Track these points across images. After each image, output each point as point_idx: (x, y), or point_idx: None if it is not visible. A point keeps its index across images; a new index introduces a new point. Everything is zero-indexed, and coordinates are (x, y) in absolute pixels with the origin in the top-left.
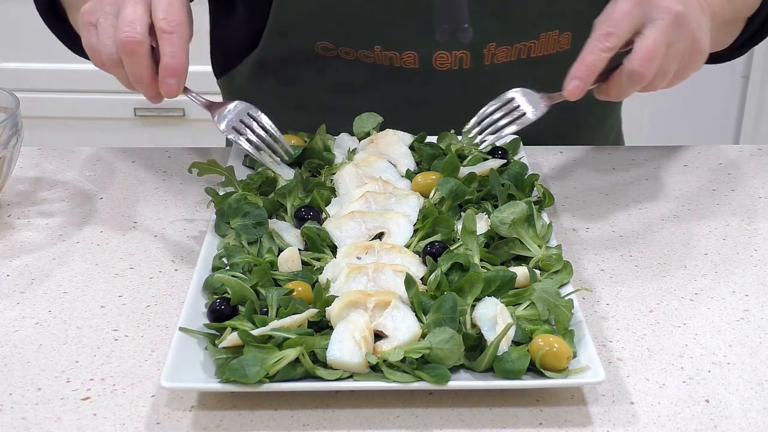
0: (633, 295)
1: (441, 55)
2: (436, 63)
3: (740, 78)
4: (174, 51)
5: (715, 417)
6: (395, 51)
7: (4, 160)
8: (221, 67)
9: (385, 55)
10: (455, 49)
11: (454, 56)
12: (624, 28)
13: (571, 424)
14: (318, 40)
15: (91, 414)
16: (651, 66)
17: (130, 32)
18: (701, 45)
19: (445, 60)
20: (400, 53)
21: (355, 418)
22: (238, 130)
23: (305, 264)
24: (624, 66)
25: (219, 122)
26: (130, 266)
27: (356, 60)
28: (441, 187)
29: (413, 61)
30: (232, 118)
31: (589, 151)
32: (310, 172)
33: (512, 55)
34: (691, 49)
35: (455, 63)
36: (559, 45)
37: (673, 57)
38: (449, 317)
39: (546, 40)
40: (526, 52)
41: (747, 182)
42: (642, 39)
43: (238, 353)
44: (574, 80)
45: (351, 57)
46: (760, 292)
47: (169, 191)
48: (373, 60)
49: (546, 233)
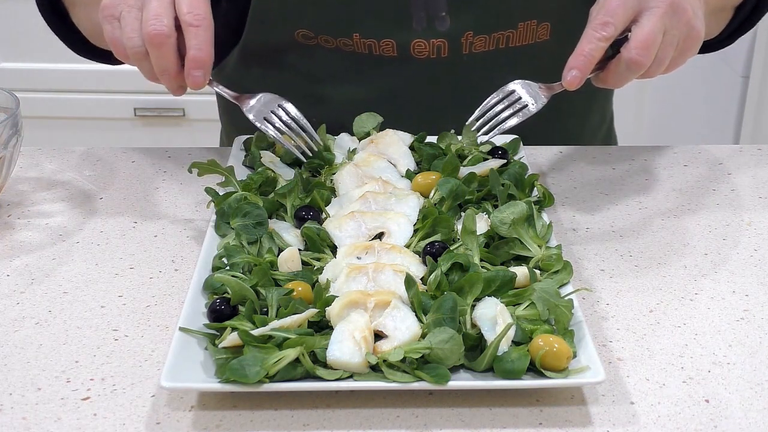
0: (633, 295)
1: (419, 44)
2: (414, 51)
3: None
4: (200, 44)
5: (715, 417)
6: (374, 39)
7: (4, 160)
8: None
9: (364, 43)
10: (433, 37)
11: (432, 45)
12: (620, 17)
13: (571, 424)
14: (298, 29)
15: (91, 414)
16: (649, 54)
17: (158, 25)
18: (697, 31)
19: (423, 48)
20: (378, 41)
21: (355, 418)
22: (268, 120)
23: (305, 264)
24: (622, 55)
25: (248, 113)
26: (130, 266)
27: (336, 48)
28: (441, 187)
29: (392, 49)
30: (260, 108)
31: (590, 151)
32: (310, 172)
33: (490, 44)
34: (687, 36)
35: (433, 51)
36: (538, 35)
37: (669, 44)
38: (449, 317)
39: (524, 30)
40: (505, 42)
41: (747, 182)
42: (639, 27)
43: (238, 353)
44: (572, 70)
45: (331, 45)
46: (760, 292)
47: (169, 191)
48: (352, 48)
49: (546, 233)
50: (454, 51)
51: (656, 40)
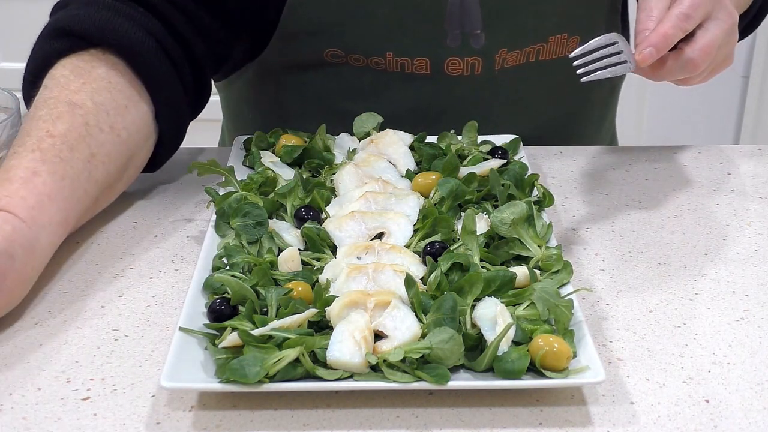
0: (633, 295)
1: (453, 61)
2: (447, 69)
3: (740, 78)
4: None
5: (715, 417)
6: (407, 57)
7: (4, 160)
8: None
9: (397, 62)
10: (467, 55)
11: (467, 62)
12: (699, 15)
13: (571, 424)
14: (328, 48)
15: (91, 414)
16: (707, 59)
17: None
18: (732, 59)
19: (456, 66)
20: (411, 59)
21: (355, 418)
22: None
23: (305, 264)
24: (684, 52)
25: None
26: (130, 266)
27: (366, 66)
28: (441, 187)
29: (425, 67)
30: None
31: (589, 151)
32: (310, 172)
33: (521, 58)
34: (725, 58)
35: (467, 69)
36: (568, 48)
37: (716, 57)
38: (449, 317)
39: (555, 43)
40: (535, 56)
41: (747, 182)
42: (706, 32)
43: (238, 353)
44: (649, 47)
45: (361, 64)
46: (760, 292)
47: (169, 191)
48: (383, 67)
49: (546, 233)
50: (487, 68)
51: (715, 49)
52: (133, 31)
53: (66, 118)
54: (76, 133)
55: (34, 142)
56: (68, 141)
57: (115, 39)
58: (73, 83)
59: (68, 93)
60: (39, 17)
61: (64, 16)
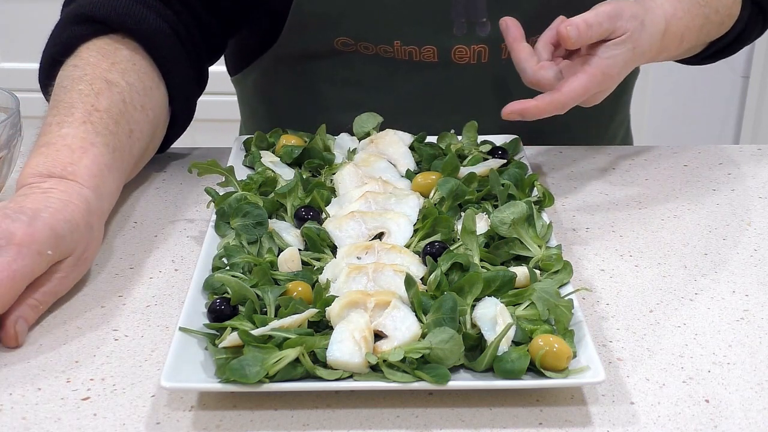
0: (633, 295)
1: (460, 49)
2: (455, 57)
3: (740, 78)
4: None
5: (715, 417)
6: (415, 46)
7: (4, 160)
8: (235, 67)
9: (405, 50)
10: (474, 43)
11: (473, 50)
12: (574, 103)
13: (571, 424)
14: (338, 36)
15: (91, 414)
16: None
17: None
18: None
19: (464, 54)
20: (419, 48)
21: (355, 418)
22: None
23: (305, 264)
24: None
25: None
26: (130, 266)
27: (375, 55)
28: (441, 187)
29: (432, 55)
30: None
31: (589, 151)
32: (310, 172)
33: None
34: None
35: (474, 57)
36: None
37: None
38: (449, 317)
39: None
40: None
41: (747, 182)
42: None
43: (238, 353)
44: (513, 112)
45: (370, 52)
46: (760, 292)
47: (169, 191)
48: (392, 55)
49: (546, 233)
50: (493, 56)
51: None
52: (151, 18)
53: (106, 95)
54: (117, 110)
55: (83, 115)
56: (113, 116)
57: (135, 25)
58: (103, 63)
59: (102, 71)
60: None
61: (85, 2)
